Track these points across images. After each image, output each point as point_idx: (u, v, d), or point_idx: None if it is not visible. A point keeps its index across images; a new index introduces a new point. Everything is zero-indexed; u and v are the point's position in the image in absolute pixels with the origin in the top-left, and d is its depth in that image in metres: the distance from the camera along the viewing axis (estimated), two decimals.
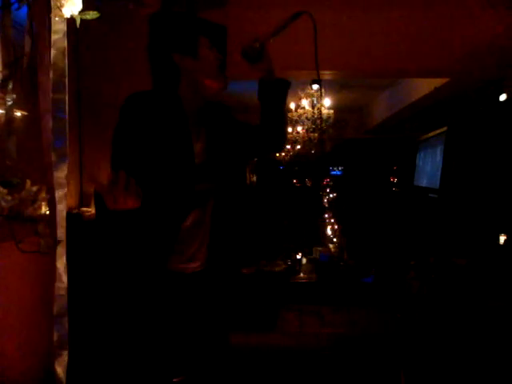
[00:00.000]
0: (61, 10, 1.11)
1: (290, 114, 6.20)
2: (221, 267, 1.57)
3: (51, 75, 0.95)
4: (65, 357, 1.08)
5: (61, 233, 1.22)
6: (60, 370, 1.06)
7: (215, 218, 1.53)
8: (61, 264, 1.20)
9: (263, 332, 3.07)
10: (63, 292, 1.18)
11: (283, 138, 1.74)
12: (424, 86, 5.10)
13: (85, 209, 2.91)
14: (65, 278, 1.20)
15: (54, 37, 1.17)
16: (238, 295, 3.41)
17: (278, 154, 10.97)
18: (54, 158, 1.22)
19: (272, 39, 1.53)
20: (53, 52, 1.13)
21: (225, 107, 1.64)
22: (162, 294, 1.44)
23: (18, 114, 1.65)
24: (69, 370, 1.17)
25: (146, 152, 1.36)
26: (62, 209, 1.21)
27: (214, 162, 1.51)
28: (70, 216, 1.97)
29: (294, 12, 1.51)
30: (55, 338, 1.03)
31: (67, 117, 1.27)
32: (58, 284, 1.15)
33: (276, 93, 1.64)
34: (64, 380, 1.11)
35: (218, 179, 1.53)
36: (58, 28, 1.18)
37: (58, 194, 1.23)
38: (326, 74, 4.11)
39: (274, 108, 1.64)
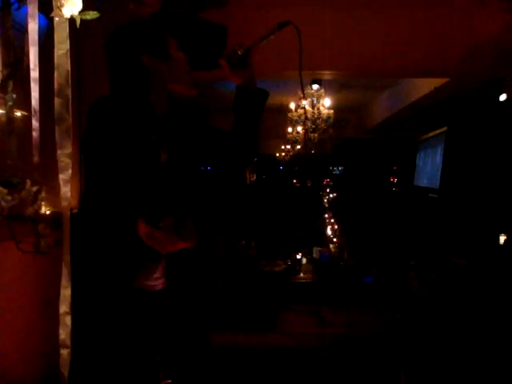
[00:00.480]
0: (61, 10, 1.11)
1: (290, 114, 6.21)
2: (185, 285, 1.52)
3: (55, 76, 0.95)
4: (68, 356, 1.08)
5: (66, 231, 1.22)
6: (64, 369, 1.06)
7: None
8: (65, 267, 1.20)
9: (263, 332, 3.07)
10: (68, 291, 1.18)
11: (254, 150, 1.60)
12: (424, 86, 5.10)
13: None
14: (69, 278, 1.20)
15: (56, 37, 1.17)
16: (237, 295, 3.41)
17: (277, 154, 10.97)
18: (59, 157, 1.22)
19: (256, 47, 1.46)
20: (56, 52, 1.13)
21: (201, 108, 1.57)
22: (126, 310, 1.39)
23: (18, 113, 1.65)
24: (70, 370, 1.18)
25: (114, 159, 1.29)
26: (66, 208, 1.21)
27: (180, 171, 1.45)
28: (70, 216, 1.97)
29: (280, 22, 1.44)
30: (61, 336, 1.04)
31: (71, 117, 1.28)
32: (63, 283, 1.15)
33: (253, 103, 1.54)
34: (66, 379, 1.11)
35: (186, 189, 1.48)
36: (61, 29, 1.18)
37: (63, 193, 1.24)
38: (326, 74, 4.11)
39: (248, 118, 1.54)
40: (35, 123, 1.40)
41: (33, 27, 1.40)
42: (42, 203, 1.29)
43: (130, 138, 1.33)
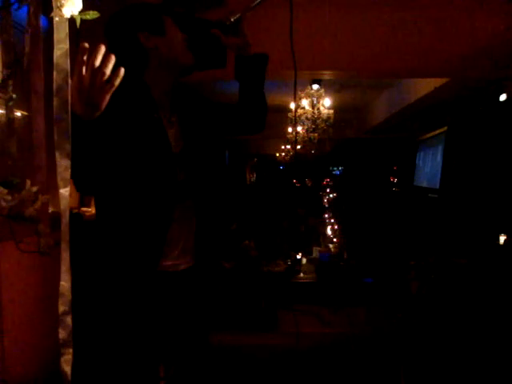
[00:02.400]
0: (61, 10, 1.11)
1: (290, 114, 6.20)
2: (208, 264, 1.52)
3: (54, 76, 0.94)
4: (70, 355, 1.08)
5: (65, 232, 1.22)
6: (66, 368, 1.06)
7: (200, 214, 1.47)
8: (65, 264, 1.20)
9: (263, 332, 3.07)
10: (67, 291, 1.18)
11: (263, 116, 1.64)
12: (424, 86, 5.10)
13: (85, 209, 2.91)
14: (68, 277, 1.20)
15: (56, 37, 1.17)
16: (237, 295, 3.41)
17: (277, 154, 10.97)
18: (57, 158, 1.22)
19: (249, 13, 1.50)
20: (55, 52, 1.13)
21: (194, 91, 1.56)
22: (149, 292, 1.40)
23: (18, 114, 1.65)
24: (74, 368, 1.18)
25: (119, 147, 1.28)
26: (65, 208, 1.21)
27: (191, 148, 1.45)
28: (70, 216, 1.97)
29: None
30: (60, 336, 1.03)
31: (70, 117, 1.27)
32: (62, 283, 1.15)
33: (253, 68, 1.56)
34: (70, 378, 1.11)
35: (198, 167, 1.48)
36: (60, 28, 1.18)
37: (62, 193, 1.24)
38: (326, 74, 4.11)
39: (252, 84, 1.57)
40: (38, 123, 1.41)
41: (35, 27, 1.40)
42: (43, 203, 1.29)
43: (135, 120, 1.33)
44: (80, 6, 1.19)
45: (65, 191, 1.14)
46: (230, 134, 1.72)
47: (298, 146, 6.57)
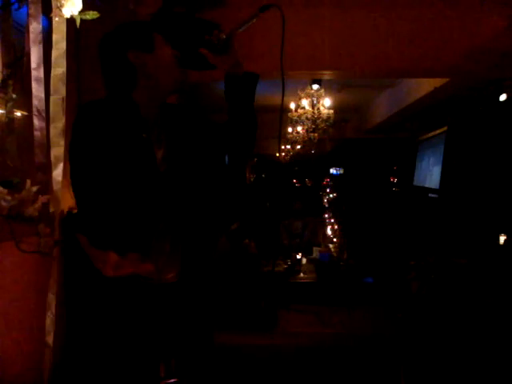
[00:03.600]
0: (61, 10, 1.11)
1: (289, 114, 6.20)
2: (196, 278, 1.51)
3: (51, 76, 0.94)
4: (57, 357, 1.08)
5: (56, 231, 1.22)
6: (46, 370, 1.06)
7: (186, 227, 1.47)
8: (51, 294, 1.20)
9: (263, 332, 3.07)
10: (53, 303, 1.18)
11: (253, 137, 1.57)
12: (424, 86, 5.11)
13: None
14: (56, 289, 1.20)
15: (54, 38, 1.17)
16: (238, 295, 3.41)
17: (277, 154, 10.97)
18: (52, 158, 1.22)
19: (239, 31, 1.45)
20: (53, 53, 1.13)
21: (190, 107, 1.55)
22: (134, 304, 1.40)
23: (18, 114, 1.65)
24: (68, 370, 1.18)
25: (106, 165, 1.29)
26: (56, 209, 1.21)
27: (178, 168, 1.44)
28: (71, 216, 1.97)
29: (262, 5, 1.43)
30: (49, 339, 1.04)
31: (65, 118, 1.28)
32: (50, 294, 1.15)
33: (244, 87, 1.50)
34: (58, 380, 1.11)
35: (185, 185, 1.46)
36: (59, 29, 1.18)
37: (55, 193, 1.24)
38: (326, 74, 4.11)
39: (242, 103, 1.51)
40: (38, 123, 1.40)
41: (35, 27, 1.40)
42: (43, 203, 1.29)
43: (120, 138, 1.32)
44: (80, 6, 1.20)
45: (57, 190, 1.14)
46: (220, 152, 1.65)
47: (298, 146, 6.57)
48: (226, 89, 1.51)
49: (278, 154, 10.71)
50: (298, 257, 5.03)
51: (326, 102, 5.94)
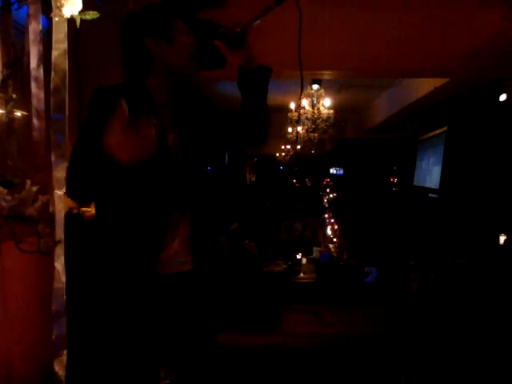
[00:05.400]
0: (61, 10, 1.11)
1: (289, 114, 6.20)
2: (206, 268, 1.53)
3: (52, 76, 0.94)
4: (64, 356, 1.08)
5: (59, 233, 1.22)
6: (60, 369, 1.06)
7: (196, 218, 1.48)
8: (59, 264, 1.20)
9: (263, 332, 3.07)
10: (61, 292, 1.18)
11: (264, 129, 1.60)
12: (424, 86, 5.10)
13: (85, 209, 2.91)
14: (63, 278, 1.20)
15: (54, 38, 1.17)
16: (238, 295, 3.41)
17: (277, 154, 10.97)
18: (53, 158, 1.22)
19: (254, 24, 1.44)
20: (53, 53, 1.13)
21: (198, 96, 1.57)
22: (146, 294, 1.41)
23: (18, 114, 1.65)
24: (68, 369, 1.18)
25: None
26: (60, 209, 1.21)
27: (188, 154, 1.46)
28: (70, 216, 1.97)
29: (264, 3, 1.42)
30: (54, 337, 1.04)
31: (67, 118, 1.27)
32: (56, 284, 1.15)
33: (257, 81, 1.52)
34: (64, 380, 1.11)
35: (195, 172, 1.49)
36: (59, 29, 1.18)
37: (57, 194, 1.23)
38: (326, 74, 4.11)
39: (255, 97, 1.53)
40: (39, 123, 1.40)
41: (35, 27, 1.40)
42: (43, 203, 1.29)
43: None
44: (80, 6, 1.19)
45: (61, 193, 1.14)
46: (231, 143, 1.71)
47: (298, 146, 6.57)
48: (239, 82, 1.52)
49: (277, 154, 10.72)
50: (298, 257, 5.03)
51: (326, 102, 5.94)
